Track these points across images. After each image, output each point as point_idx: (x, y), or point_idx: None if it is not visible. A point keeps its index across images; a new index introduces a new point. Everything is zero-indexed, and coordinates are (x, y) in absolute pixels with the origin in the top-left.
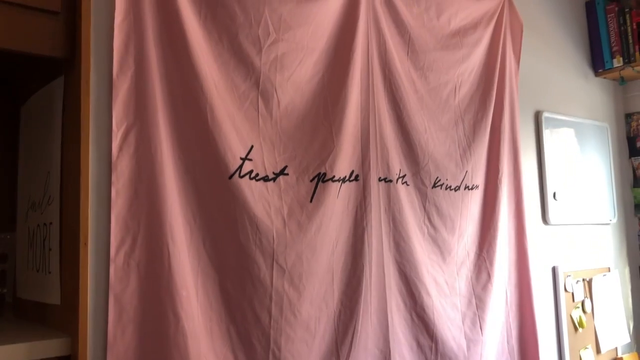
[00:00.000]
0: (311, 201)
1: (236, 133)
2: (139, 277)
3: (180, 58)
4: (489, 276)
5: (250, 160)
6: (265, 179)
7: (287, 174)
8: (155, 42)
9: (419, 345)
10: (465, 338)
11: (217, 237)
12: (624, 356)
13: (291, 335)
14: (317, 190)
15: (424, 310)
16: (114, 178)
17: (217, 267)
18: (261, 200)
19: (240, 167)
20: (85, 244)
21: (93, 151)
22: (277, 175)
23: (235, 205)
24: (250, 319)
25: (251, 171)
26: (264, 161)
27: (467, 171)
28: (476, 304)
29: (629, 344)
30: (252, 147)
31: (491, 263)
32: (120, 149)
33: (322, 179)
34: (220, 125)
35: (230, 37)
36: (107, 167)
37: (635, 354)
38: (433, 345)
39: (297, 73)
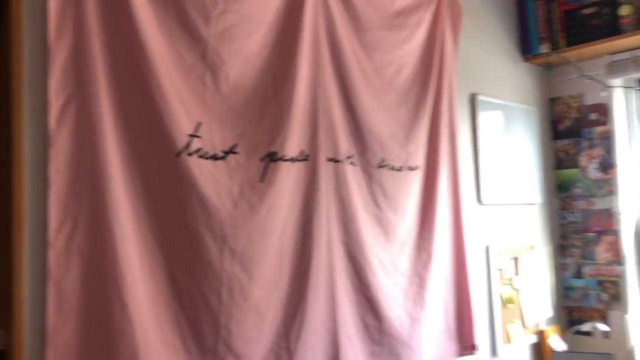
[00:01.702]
0: (262, 181)
1: (183, 108)
2: (81, 262)
3: (123, 25)
4: (429, 255)
5: (199, 137)
6: (215, 157)
7: (237, 153)
8: (95, 7)
9: (365, 324)
10: (407, 316)
11: (164, 219)
12: (547, 329)
13: (242, 319)
14: (267, 170)
15: (369, 290)
16: (52, 154)
17: (164, 250)
18: (211, 180)
19: (188, 144)
20: (20, 228)
21: (28, 125)
22: (226, 153)
23: (183, 184)
24: (199, 304)
25: (199, 149)
26: (213, 139)
27: (410, 152)
28: (417, 282)
29: (550, 318)
30: (199, 123)
31: (431, 242)
32: (59, 122)
33: (272, 158)
34: (166, 99)
35: (176, 4)
36: (44, 142)
37: (557, 326)
38: (378, 325)
39: (245, 46)
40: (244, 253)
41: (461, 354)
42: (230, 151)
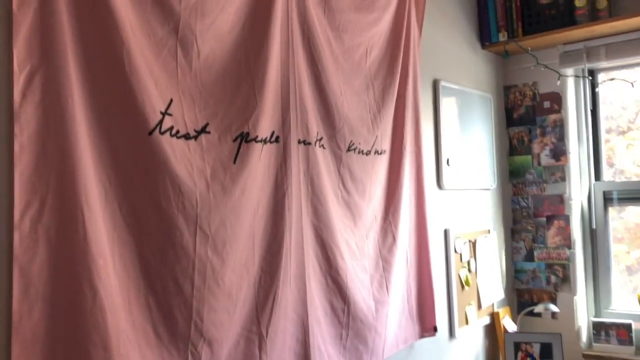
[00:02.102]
0: (234, 162)
1: (155, 84)
2: (48, 245)
3: None
4: (394, 239)
5: (170, 115)
6: (187, 136)
7: (209, 132)
8: None
9: (333, 308)
10: (373, 299)
11: (136, 200)
12: (499, 310)
13: (214, 304)
14: (240, 151)
15: (338, 273)
16: (16, 130)
17: (135, 233)
18: (183, 160)
19: (161, 122)
20: None
21: None
22: (198, 133)
23: (156, 164)
24: (171, 289)
25: (172, 127)
26: (185, 117)
27: (377, 136)
28: (383, 266)
29: (503, 300)
30: (171, 100)
31: (396, 226)
32: (24, 95)
33: (245, 138)
34: (138, 73)
35: None
36: (8, 117)
37: (508, 308)
38: (345, 308)
39: (218, 21)
40: (216, 236)
41: (422, 336)
42: (202, 131)
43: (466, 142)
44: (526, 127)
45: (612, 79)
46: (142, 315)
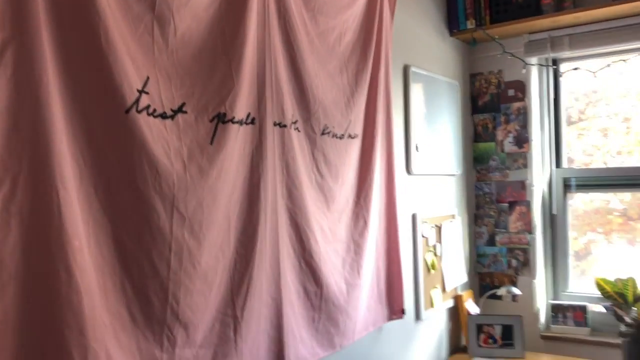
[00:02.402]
0: (211, 143)
1: (131, 60)
2: (21, 226)
3: None
4: (366, 223)
5: (147, 93)
6: (163, 116)
7: (186, 112)
8: None
9: (306, 291)
10: (345, 283)
11: (111, 181)
12: (462, 293)
13: (190, 287)
14: (217, 132)
15: (312, 257)
16: None
17: (110, 214)
18: (160, 140)
19: (138, 100)
20: None
21: None
22: (175, 112)
23: (132, 144)
24: (147, 272)
25: (148, 106)
26: (161, 96)
27: (350, 120)
28: (354, 249)
29: (465, 283)
30: (147, 78)
31: (368, 210)
32: None
33: (222, 119)
34: (115, 49)
35: None
36: None
37: (470, 291)
38: (318, 291)
39: None
40: (193, 218)
41: (390, 318)
42: (179, 110)
43: (434, 129)
44: (491, 115)
45: (575, 69)
46: (117, 298)
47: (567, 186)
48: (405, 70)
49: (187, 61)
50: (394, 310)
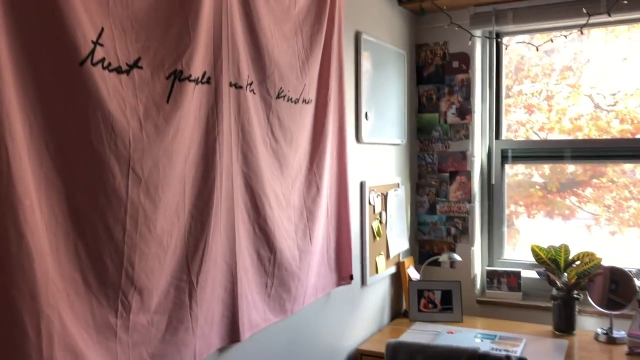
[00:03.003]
0: (168, 102)
1: (85, 9)
2: None
3: None
4: (318, 190)
5: (102, 45)
6: (119, 70)
7: (141, 68)
8: None
9: (260, 257)
10: (297, 249)
11: (64, 137)
12: (404, 260)
13: (145, 251)
14: (173, 90)
15: (266, 222)
16: None
17: (63, 173)
18: (116, 96)
19: (92, 52)
20: None
21: None
22: (130, 67)
23: (87, 98)
24: (101, 235)
25: (103, 59)
26: (116, 49)
27: (305, 84)
28: (307, 216)
29: (407, 250)
30: (102, 29)
31: (320, 177)
32: None
33: (178, 77)
34: None
35: None
36: None
37: (411, 258)
38: (272, 257)
39: None
40: (149, 180)
41: (339, 284)
42: (135, 65)
43: (381, 98)
44: (435, 86)
45: (518, 42)
46: (71, 262)
47: (504, 157)
48: (357, 37)
49: (143, 14)
50: (343, 276)
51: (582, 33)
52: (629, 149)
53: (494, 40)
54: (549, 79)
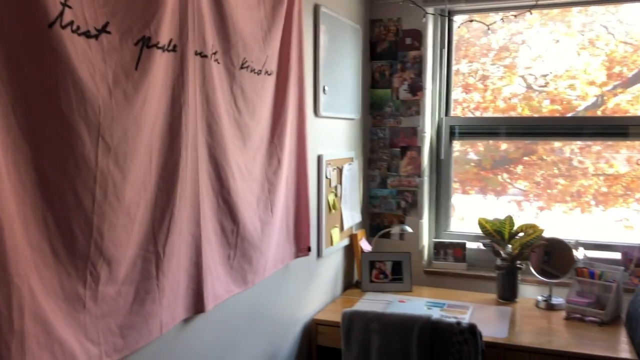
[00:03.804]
0: (136, 69)
1: None
2: None
3: None
4: (279, 162)
5: (70, 8)
6: (87, 34)
7: (110, 33)
8: None
9: (223, 229)
10: (259, 221)
11: (33, 102)
12: (357, 232)
13: (114, 221)
14: (142, 57)
15: (229, 194)
16: None
17: (31, 140)
18: (85, 61)
19: (62, 14)
20: None
21: None
22: (99, 32)
23: (56, 62)
24: (71, 204)
25: (72, 22)
26: (84, 12)
27: (267, 55)
28: (268, 188)
29: (359, 223)
30: None
31: (281, 149)
32: None
33: (146, 43)
34: None
35: None
36: None
37: (363, 230)
38: (235, 229)
39: None
40: (118, 148)
41: (297, 256)
42: (103, 30)
43: (337, 72)
44: (388, 62)
45: (471, 21)
46: (39, 232)
47: (452, 134)
48: (316, 10)
49: None
50: (301, 248)
51: (531, 13)
52: (567, 127)
53: (446, 18)
54: (486, 59)
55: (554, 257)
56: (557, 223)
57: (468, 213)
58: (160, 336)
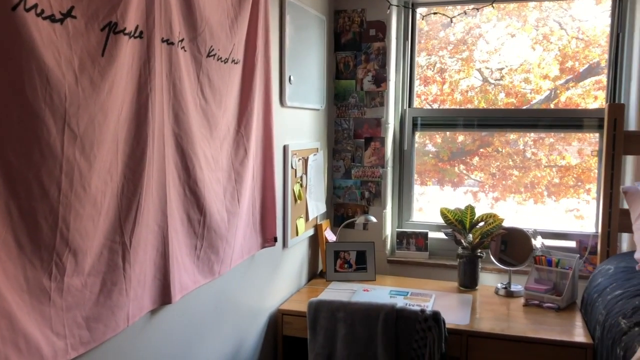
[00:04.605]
0: (103, 55)
1: None
2: None
3: None
4: (246, 152)
5: None
6: (52, 18)
7: (75, 17)
8: None
9: (190, 219)
10: (226, 211)
11: None
12: (322, 223)
13: (80, 211)
14: (108, 43)
15: (196, 184)
16: None
17: None
18: (50, 46)
19: None
20: None
21: None
22: (64, 16)
23: (21, 47)
24: (36, 194)
25: (36, 5)
26: None
27: (234, 44)
28: (235, 178)
29: (324, 213)
30: None
31: (248, 139)
32: None
33: (113, 29)
34: None
35: None
36: None
37: (328, 220)
38: (201, 219)
39: None
40: (85, 137)
41: (263, 246)
42: (68, 14)
43: (303, 62)
44: (352, 53)
45: (434, 13)
46: (2, 223)
47: (414, 125)
48: None
49: None
50: (267, 238)
51: (493, 7)
52: (523, 119)
53: (410, 10)
54: (444, 52)
55: (513, 245)
56: (512, 213)
57: (427, 204)
58: (126, 328)
